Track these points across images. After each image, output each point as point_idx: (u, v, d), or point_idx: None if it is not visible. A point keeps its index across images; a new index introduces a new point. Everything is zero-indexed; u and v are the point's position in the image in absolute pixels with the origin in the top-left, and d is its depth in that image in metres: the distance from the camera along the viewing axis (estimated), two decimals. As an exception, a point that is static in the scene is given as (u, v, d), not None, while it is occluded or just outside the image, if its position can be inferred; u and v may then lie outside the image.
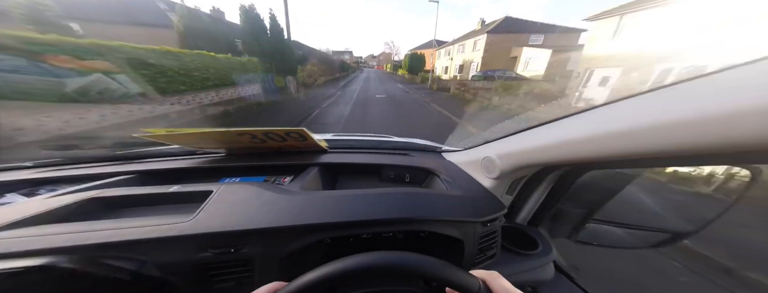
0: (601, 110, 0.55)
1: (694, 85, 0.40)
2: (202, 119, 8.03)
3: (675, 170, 0.85)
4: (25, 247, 0.48)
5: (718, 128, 0.35)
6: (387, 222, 0.63)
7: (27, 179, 0.88)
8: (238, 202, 0.65)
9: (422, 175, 1.03)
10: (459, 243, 0.66)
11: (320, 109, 10.47)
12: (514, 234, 0.86)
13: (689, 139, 0.38)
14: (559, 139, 0.62)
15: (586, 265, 1.62)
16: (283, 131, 0.93)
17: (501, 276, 0.39)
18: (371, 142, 1.40)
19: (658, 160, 0.53)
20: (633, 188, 0.85)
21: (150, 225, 0.55)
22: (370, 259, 0.37)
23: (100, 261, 0.49)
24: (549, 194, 0.87)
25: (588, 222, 0.90)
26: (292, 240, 0.57)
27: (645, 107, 0.46)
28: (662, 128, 0.41)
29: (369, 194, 0.72)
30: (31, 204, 0.64)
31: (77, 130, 5.16)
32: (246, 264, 0.56)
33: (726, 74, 0.37)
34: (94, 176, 0.89)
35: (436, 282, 0.36)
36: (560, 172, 0.80)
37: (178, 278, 0.53)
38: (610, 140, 0.50)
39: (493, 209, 0.73)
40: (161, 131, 0.88)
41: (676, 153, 0.42)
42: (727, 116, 0.34)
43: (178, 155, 1.09)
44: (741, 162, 0.60)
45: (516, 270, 0.75)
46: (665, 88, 0.44)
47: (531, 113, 4.14)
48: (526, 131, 0.75)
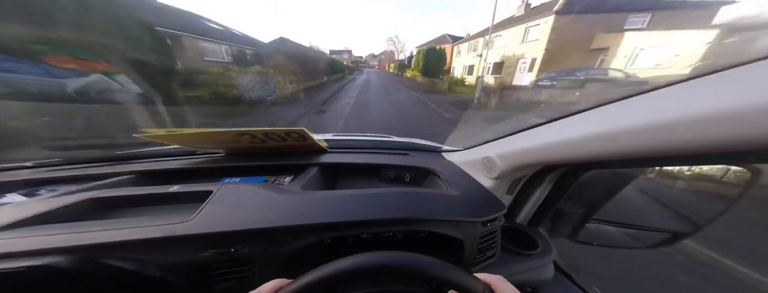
0: (601, 110, 0.55)
1: (694, 85, 0.40)
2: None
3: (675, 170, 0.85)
4: (25, 247, 0.48)
5: (719, 128, 0.35)
6: (387, 222, 0.63)
7: (27, 179, 0.87)
8: (238, 202, 0.65)
9: (422, 175, 1.03)
10: (459, 243, 0.66)
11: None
12: (514, 234, 0.86)
13: (689, 139, 0.38)
14: (559, 139, 0.62)
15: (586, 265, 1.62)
16: (283, 131, 0.93)
17: (506, 280, 0.39)
18: (371, 142, 1.39)
19: (658, 160, 0.53)
20: (633, 188, 0.85)
21: (150, 225, 0.55)
22: (373, 259, 0.37)
23: (100, 261, 0.49)
24: (549, 194, 0.87)
25: (588, 222, 0.90)
26: (292, 240, 0.57)
27: (645, 107, 0.46)
28: (662, 127, 0.41)
29: (369, 194, 0.72)
30: (31, 204, 0.64)
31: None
32: (246, 264, 0.56)
33: (726, 73, 0.37)
34: (94, 176, 0.89)
35: (440, 284, 0.36)
36: (560, 172, 0.80)
37: (178, 278, 0.53)
38: (610, 140, 0.50)
39: (493, 209, 0.73)
40: (161, 131, 0.89)
41: (676, 153, 0.42)
42: (727, 116, 0.34)
43: (178, 156, 1.09)
44: (741, 162, 0.60)
45: (516, 270, 0.75)
46: (665, 88, 0.44)
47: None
48: (526, 131, 0.75)
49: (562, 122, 0.64)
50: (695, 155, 0.43)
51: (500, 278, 0.39)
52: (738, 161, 0.57)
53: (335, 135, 1.51)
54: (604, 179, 0.84)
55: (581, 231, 0.91)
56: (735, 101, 0.33)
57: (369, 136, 1.54)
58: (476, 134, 1.07)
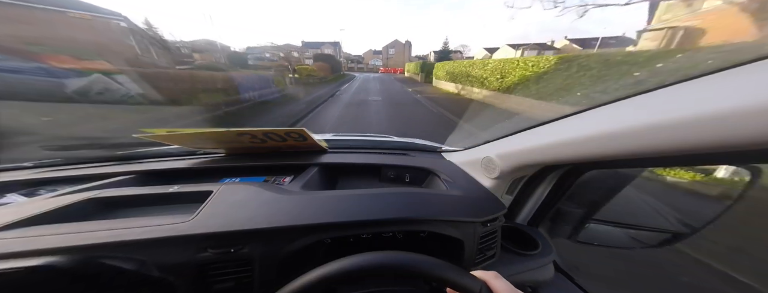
0: (600, 110, 0.55)
1: (695, 85, 0.40)
2: None
3: (674, 170, 0.85)
4: (25, 247, 0.48)
5: (718, 128, 0.35)
6: (387, 222, 0.63)
7: (27, 179, 0.87)
8: (238, 202, 0.65)
9: (422, 175, 1.03)
10: (459, 243, 0.66)
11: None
12: (514, 234, 0.86)
13: (689, 139, 0.38)
14: (559, 139, 0.62)
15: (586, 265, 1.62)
16: (283, 132, 0.93)
17: (499, 276, 0.39)
18: (371, 142, 1.40)
19: (658, 160, 0.53)
20: (633, 188, 0.85)
21: (150, 225, 0.55)
22: (371, 259, 0.37)
23: (99, 261, 0.49)
24: (549, 194, 0.87)
25: (588, 222, 0.90)
26: (292, 240, 0.57)
27: (645, 107, 0.46)
28: (662, 127, 0.41)
29: (369, 194, 0.72)
30: (31, 204, 0.64)
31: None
32: (246, 264, 0.56)
33: (726, 73, 0.37)
34: (94, 176, 0.89)
35: (438, 283, 0.37)
36: (560, 172, 0.80)
37: (177, 278, 0.53)
38: (610, 140, 0.50)
39: (493, 209, 0.73)
40: (161, 132, 0.89)
41: (676, 153, 0.42)
42: (727, 116, 0.34)
43: (178, 156, 1.09)
44: (741, 162, 0.61)
45: (516, 270, 0.75)
46: (665, 88, 0.44)
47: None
48: (526, 131, 0.75)
49: (562, 122, 0.64)
50: (695, 155, 0.43)
51: (494, 274, 0.39)
52: (738, 161, 0.57)
53: (335, 135, 1.51)
54: (604, 179, 0.84)
55: (581, 231, 0.91)
56: (735, 101, 0.33)
57: (369, 136, 1.54)
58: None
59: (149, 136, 0.89)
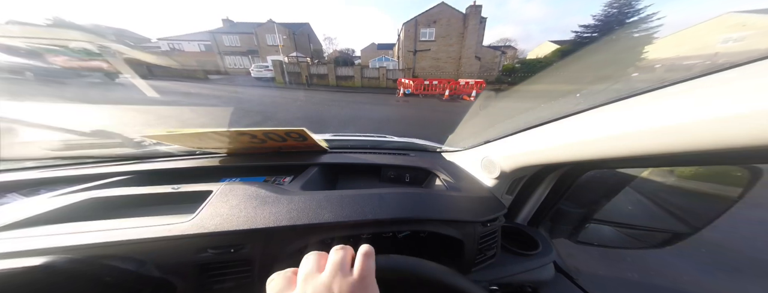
0: (600, 110, 0.55)
1: (694, 85, 0.40)
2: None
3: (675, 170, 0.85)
4: (25, 247, 0.48)
5: (718, 128, 0.35)
6: (387, 222, 0.63)
7: (27, 179, 0.87)
8: (238, 202, 0.65)
9: (422, 175, 1.03)
10: (459, 243, 0.66)
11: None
12: (514, 234, 0.86)
13: (689, 139, 0.38)
14: (559, 139, 0.62)
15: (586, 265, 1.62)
16: (283, 131, 0.93)
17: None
18: (371, 142, 1.40)
19: (659, 160, 0.53)
20: (633, 189, 0.85)
21: (150, 225, 0.55)
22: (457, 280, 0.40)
23: (100, 261, 0.49)
24: (549, 194, 0.87)
25: (588, 222, 0.90)
26: (292, 240, 0.57)
27: (645, 107, 0.46)
28: (662, 128, 0.41)
29: (369, 194, 0.72)
30: (31, 204, 0.63)
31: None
32: (246, 264, 0.56)
33: (726, 74, 0.37)
34: (94, 176, 0.89)
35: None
36: (560, 172, 0.80)
37: (177, 278, 0.53)
38: (610, 140, 0.50)
39: (493, 209, 0.73)
40: (161, 131, 0.88)
41: (676, 153, 0.42)
42: (726, 116, 0.34)
43: (178, 155, 1.09)
44: (741, 162, 0.60)
45: (516, 270, 0.75)
46: (665, 88, 0.44)
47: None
48: (526, 131, 0.75)
49: (562, 122, 0.64)
50: (695, 155, 0.43)
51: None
52: (738, 161, 0.57)
53: (335, 135, 1.51)
54: (604, 179, 0.84)
55: (581, 231, 0.91)
56: (735, 102, 0.33)
57: (369, 136, 1.54)
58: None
59: (149, 136, 0.89)
